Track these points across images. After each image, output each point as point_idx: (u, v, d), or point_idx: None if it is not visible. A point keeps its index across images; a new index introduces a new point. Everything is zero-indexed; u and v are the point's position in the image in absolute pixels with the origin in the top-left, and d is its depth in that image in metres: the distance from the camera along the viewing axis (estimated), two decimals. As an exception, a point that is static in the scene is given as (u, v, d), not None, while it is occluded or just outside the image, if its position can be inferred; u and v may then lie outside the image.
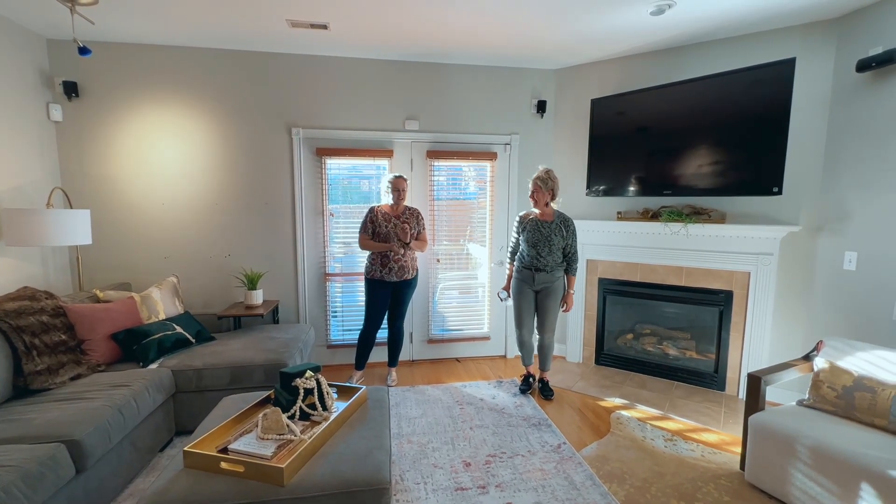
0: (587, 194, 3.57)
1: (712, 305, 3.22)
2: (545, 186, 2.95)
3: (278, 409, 1.71)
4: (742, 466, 2.24)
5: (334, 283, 3.66)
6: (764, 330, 3.00)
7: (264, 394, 2.06)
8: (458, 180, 3.82)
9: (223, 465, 1.51)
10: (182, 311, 3.01)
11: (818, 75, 2.80)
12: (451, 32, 2.97)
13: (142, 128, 3.24)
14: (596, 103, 3.45)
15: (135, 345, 2.54)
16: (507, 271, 3.22)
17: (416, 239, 3.22)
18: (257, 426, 1.70)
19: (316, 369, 2.00)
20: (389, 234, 3.10)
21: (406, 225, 3.11)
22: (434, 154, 3.64)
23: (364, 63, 3.49)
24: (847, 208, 2.69)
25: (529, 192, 3.02)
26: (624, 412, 2.90)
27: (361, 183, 3.66)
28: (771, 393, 3.00)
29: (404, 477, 2.19)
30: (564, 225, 3.01)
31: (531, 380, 3.28)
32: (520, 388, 3.22)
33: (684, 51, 3.22)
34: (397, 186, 3.11)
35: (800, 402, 2.23)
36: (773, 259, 2.94)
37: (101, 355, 2.47)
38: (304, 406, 1.85)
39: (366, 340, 3.26)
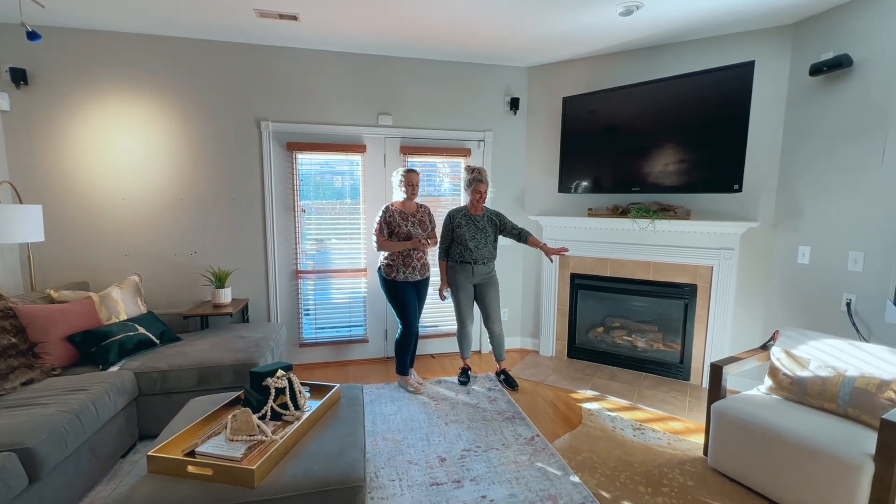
0: (560, 191, 3.63)
1: (678, 298, 3.35)
2: (487, 182, 3.12)
3: (248, 410, 1.67)
4: (705, 452, 2.34)
5: (306, 280, 3.59)
6: (726, 321, 3.14)
7: (234, 394, 2.01)
8: (433, 177, 3.81)
9: (190, 468, 1.46)
10: (145, 311, 2.89)
11: (775, 78, 2.93)
12: (422, 28, 2.95)
13: (99, 119, 3.08)
14: (567, 101, 3.51)
15: (93, 347, 2.42)
16: (441, 269, 3.20)
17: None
18: (226, 428, 1.65)
19: (287, 368, 1.96)
20: (411, 232, 2.98)
21: (424, 221, 3.06)
22: (408, 150, 3.62)
23: (336, 56, 3.42)
24: (800, 205, 2.83)
25: (480, 192, 3.08)
26: (595, 404, 2.98)
27: (334, 179, 3.60)
28: (732, 381, 3.14)
29: (379, 474, 2.18)
30: (494, 215, 3.19)
31: (469, 372, 3.35)
32: (459, 380, 3.27)
33: (653, 52, 3.31)
34: (410, 181, 2.98)
35: (758, 389, 2.35)
36: (734, 254, 3.07)
37: (57, 359, 2.34)
38: (275, 406, 1.81)
39: (407, 344, 3.09)
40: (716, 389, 2.30)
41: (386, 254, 3.01)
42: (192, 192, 3.28)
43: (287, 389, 1.86)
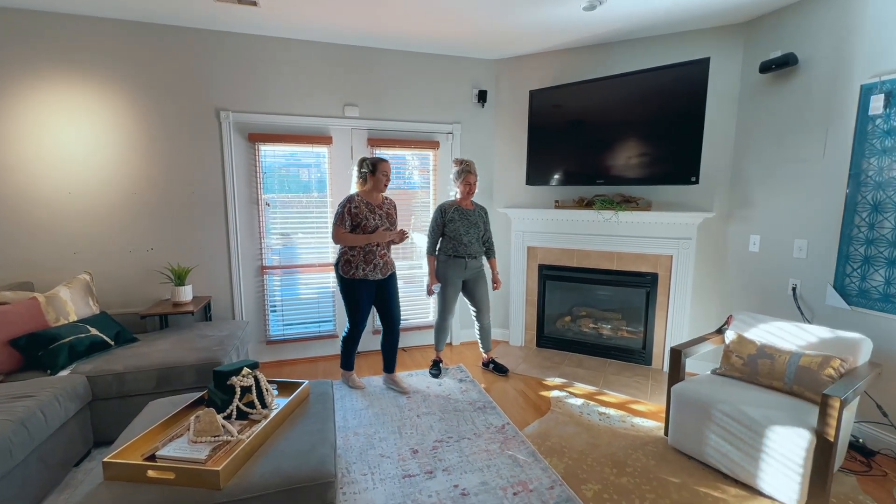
0: (527, 183, 3.68)
1: (640, 287, 3.47)
2: (476, 174, 3.10)
3: (212, 410, 1.62)
4: (666, 433, 2.45)
5: (272, 276, 3.49)
6: (684, 308, 3.29)
7: (197, 395, 1.94)
8: (402, 169, 3.78)
9: (150, 473, 1.40)
10: (98, 312, 2.74)
11: (729, 75, 3.07)
12: (388, 17, 2.90)
13: (42, 107, 2.86)
14: (534, 95, 3.55)
15: (40, 351, 2.27)
16: (430, 265, 3.15)
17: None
18: (189, 429, 1.59)
19: (254, 366, 1.91)
20: (378, 227, 2.75)
21: (391, 214, 2.87)
22: (375, 142, 3.57)
23: (300, 45, 3.32)
24: (751, 197, 2.99)
25: (469, 184, 3.07)
26: (563, 391, 3.06)
27: (300, 172, 3.51)
28: (690, 364, 3.30)
29: (351, 469, 2.16)
30: (484, 212, 3.22)
31: (441, 364, 3.37)
32: (431, 373, 3.28)
33: (616, 47, 3.39)
34: (386, 171, 2.76)
35: (714, 371, 2.48)
36: (692, 243, 3.21)
37: (-1, 364, 2.18)
38: (241, 405, 1.76)
39: (353, 343, 2.97)
40: (675, 373, 2.41)
41: (343, 248, 2.78)
42: (147, 185, 3.12)
43: (253, 388, 1.82)
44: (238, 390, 1.77)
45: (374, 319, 3.81)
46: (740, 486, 2.05)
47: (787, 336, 2.32)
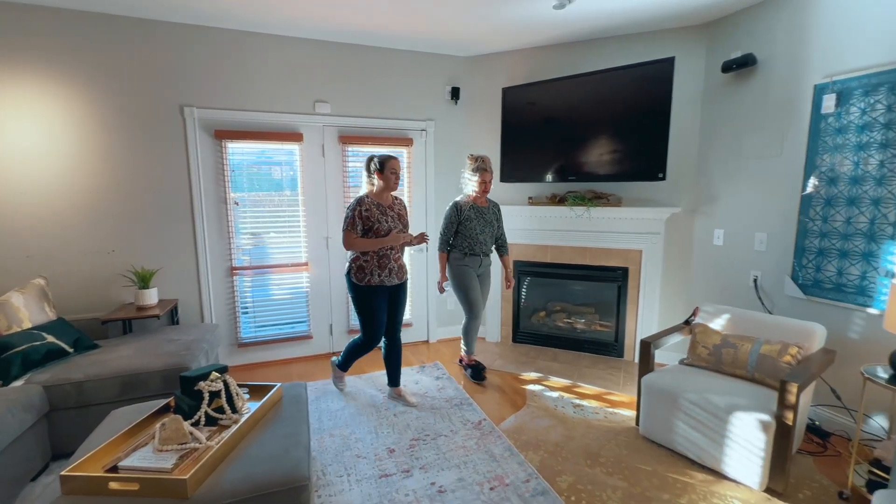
0: (501, 180, 3.70)
1: (612, 281, 3.55)
2: (491, 171, 2.99)
3: (179, 417, 1.56)
4: (637, 422, 2.52)
5: (243, 277, 3.40)
6: (654, 300, 3.38)
7: (163, 402, 1.87)
8: (376, 167, 3.74)
9: (112, 485, 1.34)
10: (54, 318, 2.60)
11: (693, 74, 3.16)
12: (359, 13, 2.85)
13: (-15, 101, 2.69)
14: (507, 92, 3.57)
15: (-9, 360, 2.14)
16: (441, 261, 3.04)
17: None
18: (154, 438, 1.53)
19: (222, 370, 1.85)
20: (391, 230, 2.57)
21: (402, 215, 2.69)
22: (347, 139, 3.51)
23: (267, 39, 3.23)
24: (715, 192, 3.10)
25: (485, 182, 2.94)
26: (538, 385, 3.10)
27: (272, 169, 3.42)
28: (660, 356, 3.39)
29: (326, 471, 2.13)
30: (497, 209, 3.15)
31: (480, 364, 3.24)
32: (475, 378, 3.14)
33: (587, 45, 3.44)
34: (395, 168, 2.57)
35: (681, 362, 2.56)
36: (660, 238, 3.31)
37: (-56, 376, 2.05)
38: (210, 410, 1.71)
39: (361, 353, 2.79)
40: (645, 364, 2.48)
41: (354, 254, 2.60)
42: (107, 184, 2.98)
43: (223, 392, 1.77)
44: (206, 395, 1.72)
45: (348, 318, 3.76)
46: (707, 471, 2.13)
47: (749, 326, 2.42)
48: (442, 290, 3.08)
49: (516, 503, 1.90)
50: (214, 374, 1.80)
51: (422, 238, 2.66)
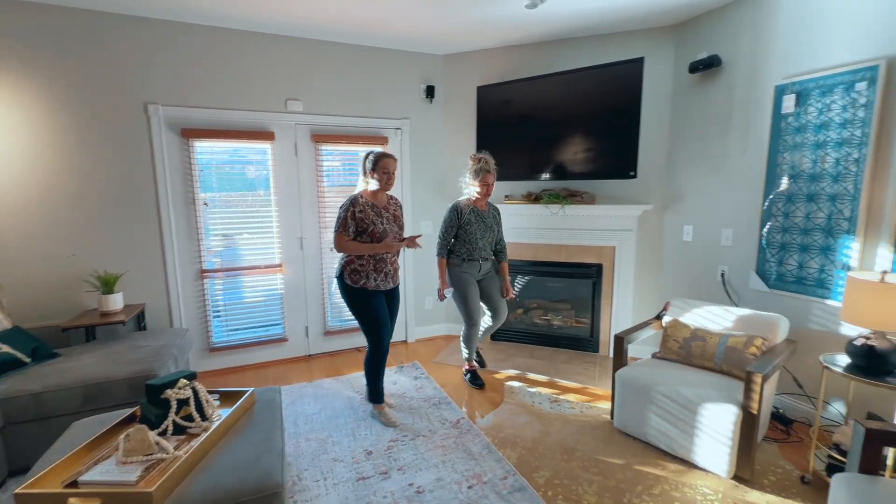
0: (477, 179, 3.70)
1: (587, 278, 3.61)
2: (494, 173, 2.86)
3: (144, 427, 1.51)
4: (612, 416, 2.57)
5: (214, 279, 3.31)
6: (627, 296, 3.46)
7: (128, 411, 1.80)
8: (355, 165, 3.69)
9: (72, 501, 1.28)
10: (9, 326, 2.47)
11: (662, 74, 3.24)
12: (331, 9, 2.80)
13: (-71, 98, 2.53)
14: (482, 91, 3.58)
15: (-62, 373, 2.02)
16: (440, 267, 2.92)
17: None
18: (118, 450, 1.47)
19: (191, 377, 1.80)
20: (387, 232, 2.45)
21: (398, 216, 2.58)
22: (321, 138, 3.45)
23: (235, 35, 3.14)
24: (684, 189, 3.19)
25: (487, 184, 2.82)
26: (516, 382, 3.13)
27: (246, 169, 3.33)
28: (634, 350, 3.47)
29: (302, 476, 2.10)
30: (497, 213, 3.05)
31: (477, 372, 3.16)
32: (478, 384, 3.04)
33: (560, 45, 3.47)
34: (387, 168, 2.42)
35: (654, 355, 2.63)
36: (633, 234, 3.38)
37: None
38: (178, 419, 1.65)
39: (379, 365, 2.57)
40: (619, 358, 2.53)
41: (347, 256, 2.48)
42: (65, 185, 2.84)
43: (191, 399, 1.71)
44: (174, 403, 1.66)
45: (324, 320, 3.71)
46: (678, 461, 2.19)
47: (717, 319, 2.50)
48: (442, 298, 2.94)
49: (494, 500, 1.91)
50: (183, 381, 1.74)
51: (412, 241, 2.52)
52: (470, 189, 2.90)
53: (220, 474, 1.45)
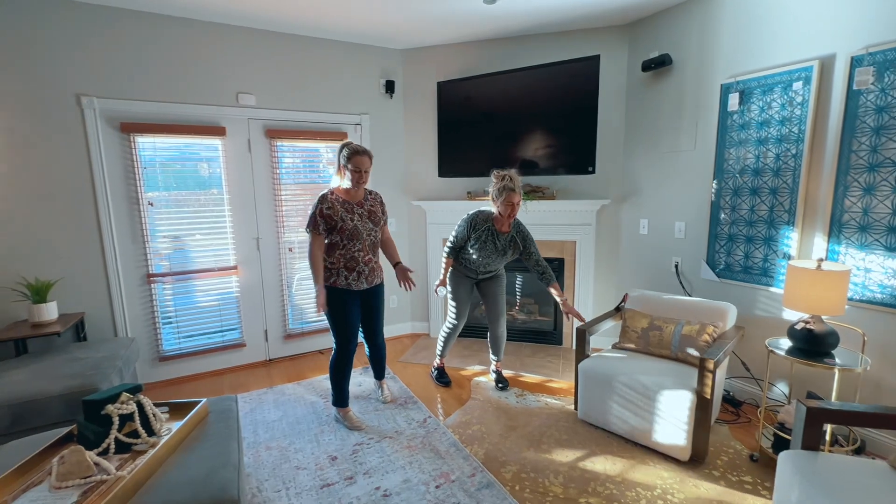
0: (440, 175, 3.68)
1: (549, 272, 3.67)
2: (521, 197, 2.55)
3: (81, 448, 1.38)
4: (576, 407, 2.62)
5: (162, 284, 3.11)
6: (588, 288, 3.54)
7: (64, 430, 1.65)
8: (316, 162, 3.57)
9: (-4, 535, 1.16)
10: (-78, 343, 2.21)
11: (617, 72, 3.32)
12: (284, -3, 2.69)
13: None
14: (442, 86, 3.55)
15: None
16: (444, 266, 2.80)
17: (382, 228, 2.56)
18: (50, 474, 1.34)
19: (135, 389, 1.67)
20: (358, 229, 2.37)
21: (374, 212, 2.45)
22: (276, 133, 3.31)
23: (179, 23, 2.95)
24: (639, 184, 3.29)
25: (512, 204, 2.50)
26: (482, 378, 3.14)
27: (199, 166, 3.14)
28: (596, 341, 3.57)
29: (262, 487, 2.00)
30: (520, 235, 2.67)
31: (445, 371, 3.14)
32: (442, 382, 3.03)
33: (521, 41, 3.49)
34: (359, 166, 2.31)
35: (614, 346, 2.70)
36: (592, 229, 3.46)
37: None
38: (120, 436, 1.53)
39: (346, 366, 2.48)
40: (581, 350, 2.58)
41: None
42: (-14, 185, 2.58)
43: (136, 414, 1.59)
44: (116, 420, 1.54)
45: (284, 323, 3.57)
46: (639, 447, 2.26)
47: (672, 308, 2.60)
48: (436, 293, 2.86)
49: (462, 498, 1.90)
50: (125, 396, 1.62)
51: (405, 275, 2.54)
52: (493, 208, 2.63)
53: (170, 493, 1.35)
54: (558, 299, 2.61)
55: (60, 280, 2.79)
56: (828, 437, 2.00)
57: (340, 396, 2.53)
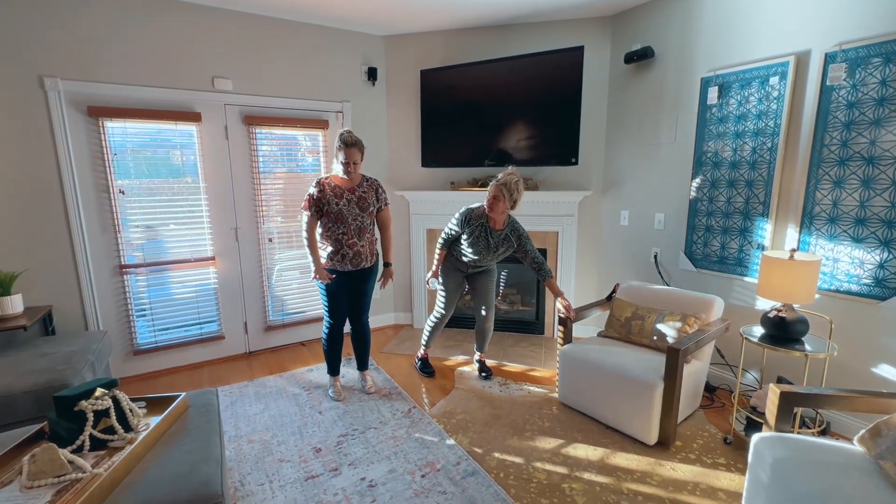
0: (423, 165, 3.65)
1: (532, 263, 3.70)
2: (508, 197, 2.48)
3: (53, 446, 1.33)
4: (558, 394, 2.67)
5: (135, 275, 3.00)
6: (570, 278, 3.59)
7: (35, 428, 1.58)
8: (295, 150, 3.48)
9: (-37, 538, 1.11)
10: None
11: (601, 63, 3.34)
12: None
13: None
14: (426, 75, 3.50)
15: None
16: (438, 258, 2.81)
17: (377, 215, 2.62)
18: (21, 473, 1.29)
19: (111, 384, 1.62)
20: (343, 213, 2.45)
21: (364, 198, 2.50)
22: (254, 120, 3.21)
23: (150, 3, 2.80)
24: (621, 176, 3.34)
25: (488, 200, 2.51)
26: (466, 367, 3.16)
27: (171, 153, 3.01)
28: (584, 330, 3.62)
29: (245, 481, 1.98)
30: (514, 234, 2.64)
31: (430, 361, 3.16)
32: (426, 372, 3.03)
33: (505, 30, 3.46)
34: (350, 157, 2.37)
35: (599, 334, 2.75)
36: (574, 220, 3.50)
37: None
38: (96, 433, 1.48)
39: (334, 339, 2.68)
40: (568, 338, 2.62)
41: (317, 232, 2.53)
42: (-59, 170, 2.43)
43: (112, 410, 1.54)
44: (90, 416, 1.48)
45: (265, 315, 3.51)
46: (616, 433, 2.32)
47: (659, 299, 2.65)
48: (427, 284, 2.89)
49: (447, 487, 1.91)
50: (100, 391, 1.56)
51: (386, 279, 2.74)
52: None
53: (150, 489, 1.32)
54: (559, 303, 2.57)
55: (25, 271, 2.66)
56: (797, 420, 2.10)
57: (329, 364, 2.76)
